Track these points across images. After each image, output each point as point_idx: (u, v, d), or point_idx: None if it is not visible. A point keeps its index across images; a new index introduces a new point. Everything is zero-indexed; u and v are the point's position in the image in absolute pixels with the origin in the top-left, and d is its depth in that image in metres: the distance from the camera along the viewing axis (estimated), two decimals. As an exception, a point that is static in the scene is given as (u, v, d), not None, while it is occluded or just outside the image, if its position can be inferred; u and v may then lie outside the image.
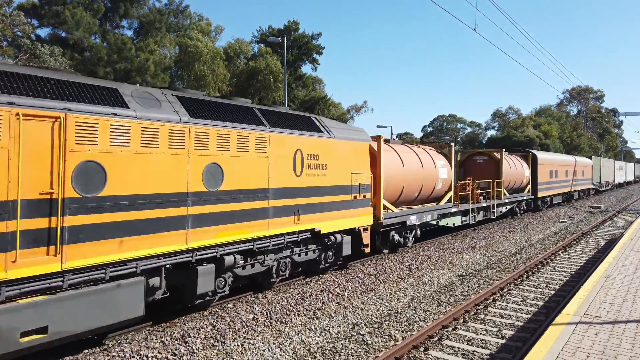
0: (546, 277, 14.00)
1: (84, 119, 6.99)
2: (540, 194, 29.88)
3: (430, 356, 8.11)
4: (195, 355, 7.81)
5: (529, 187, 28.94)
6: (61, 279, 6.77)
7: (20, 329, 6.22)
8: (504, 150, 25.28)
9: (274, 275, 10.96)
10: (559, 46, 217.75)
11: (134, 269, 7.66)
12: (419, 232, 17.27)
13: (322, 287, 11.66)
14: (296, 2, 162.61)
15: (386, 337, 9.03)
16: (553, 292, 12.36)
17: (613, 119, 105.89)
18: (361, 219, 13.14)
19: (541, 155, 31.48)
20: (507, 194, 25.32)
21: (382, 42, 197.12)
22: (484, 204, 22.18)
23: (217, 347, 8.15)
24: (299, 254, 11.51)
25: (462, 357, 8.10)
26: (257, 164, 9.83)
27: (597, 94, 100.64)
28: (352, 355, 8.12)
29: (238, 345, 8.30)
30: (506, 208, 25.45)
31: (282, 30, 48.01)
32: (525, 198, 28.19)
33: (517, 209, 27.42)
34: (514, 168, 26.01)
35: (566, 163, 36.25)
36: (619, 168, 66.61)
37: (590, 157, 48.26)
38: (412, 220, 16.29)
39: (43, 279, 6.56)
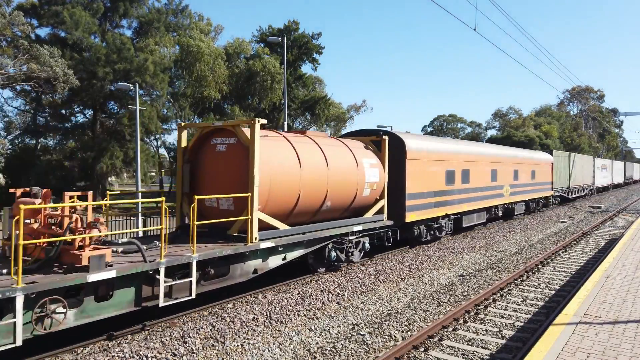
0: (546, 277, 13.98)
1: None
2: (413, 216, 16.06)
3: (431, 356, 8.09)
4: (194, 355, 7.80)
5: (382, 204, 14.59)
6: None
7: None
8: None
9: None
10: (559, 46, 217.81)
11: None
12: None
13: (322, 287, 11.64)
14: (296, 2, 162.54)
15: (386, 337, 9.02)
16: (553, 292, 12.34)
17: (613, 119, 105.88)
18: None
19: (417, 143, 16.67)
20: (282, 227, 11.16)
21: (382, 42, 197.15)
22: (94, 276, 7.34)
23: (217, 348, 8.13)
24: None
25: (463, 357, 8.08)
26: None
27: (598, 94, 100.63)
28: (352, 356, 8.11)
29: (238, 345, 8.29)
30: (284, 258, 11.28)
31: (282, 30, 47.93)
32: (359, 229, 13.38)
33: (338, 255, 12.95)
34: (312, 165, 11.79)
35: (493, 159, 22.58)
36: (601, 167, 52.25)
37: (551, 152, 34.57)
38: None
39: None
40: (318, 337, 8.97)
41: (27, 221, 7.73)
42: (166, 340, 8.16)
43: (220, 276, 9.77)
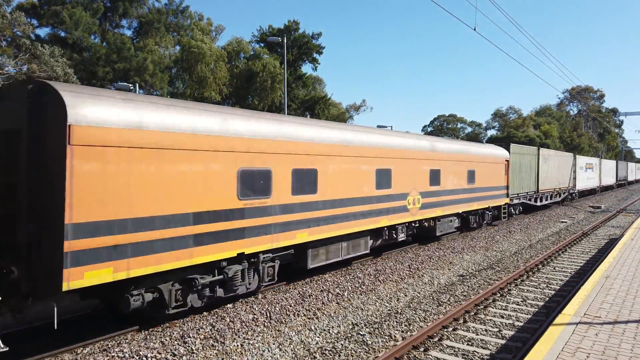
0: (546, 277, 13.98)
1: None
2: (102, 274, 7.20)
3: (430, 356, 8.09)
4: (194, 355, 7.80)
5: None
6: None
7: None
8: None
9: None
10: (559, 46, 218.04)
11: None
12: None
13: (322, 287, 11.65)
14: (296, 2, 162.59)
15: (386, 337, 9.02)
16: (553, 292, 12.34)
17: (613, 119, 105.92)
18: None
19: (111, 110, 7.47)
20: None
21: (382, 42, 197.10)
22: None
23: (217, 348, 8.13)
24: None
25: (462, 358, 8.09)
26: None
27: (597, 94, 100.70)
28: (352, 356, 8.11)
29: (238, 345, 8.29)
30: None
31: (282, 29, 47.98)
32: None
33: None
34: None
35: (381, 152, 14.26)
36: (585, 167, 43.49)
37: (507, 147, 25.53)
38: None
39: None
40: (318, 337, 8.97)
41: None
42: (166, 340, 8.16)
43: None
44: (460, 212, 19.58)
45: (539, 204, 30.79)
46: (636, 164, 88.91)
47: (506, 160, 24.00)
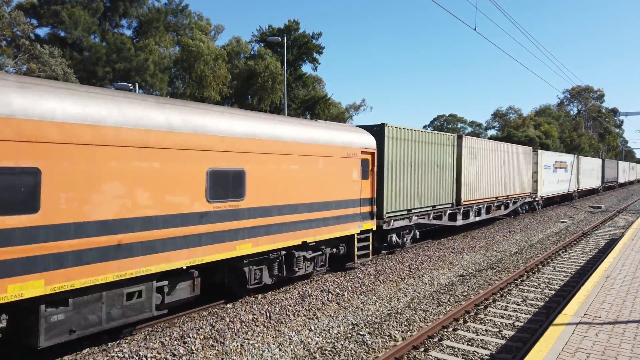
0: (546, 277, 13.97)
1: None
2: None
3: (431, 356, 8.08)
4: (194, 355, 7.79)
5: None
6: None
7: None
8: None
9: None
10: (559, 46, 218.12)
11: None
12: None
13: (322, 287, 11.63)
14: (296, 2, 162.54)
15: (386, 337, 9.01)
16: (553, 292, 12.33)
17: (613, 119, 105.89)
18: None
19: None
20: None
21: (382, 41, 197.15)
22: None
23: (217, 348, 8.12)
24: None
25: (462, 358, 8.08)
26: None
27: (597, 94, 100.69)
28: (352, 356, 8.10)
29: (237, 345, 8.28)
30: None
31: (283, 29, 47.98)
32: None
33: None
34: None
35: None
36: (554, 166, 32.99)
37: (380, 130, 14.77)
38: None
39: None
40: (318, 337, 8.96)
41: None
42: (165, 340, 8.15)
43: None
44: (185, 266, 8.61)
45: (459, 223, 19.93)
46: (629, 164, 77.71)
47: (366, 152, 13.62)
